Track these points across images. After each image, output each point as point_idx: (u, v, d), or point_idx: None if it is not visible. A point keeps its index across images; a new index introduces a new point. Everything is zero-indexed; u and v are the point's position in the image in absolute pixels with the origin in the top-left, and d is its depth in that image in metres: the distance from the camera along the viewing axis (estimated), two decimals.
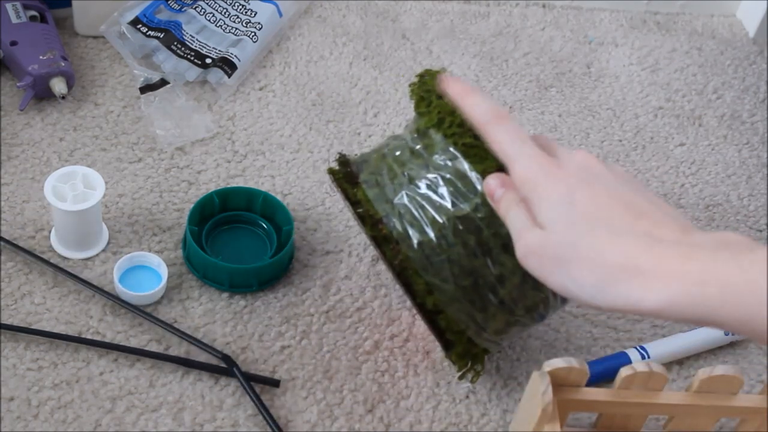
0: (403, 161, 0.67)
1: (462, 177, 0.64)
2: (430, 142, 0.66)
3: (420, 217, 0.65)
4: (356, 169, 0.70)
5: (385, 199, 0.67)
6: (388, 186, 0.67)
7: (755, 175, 0.97)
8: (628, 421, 0.72)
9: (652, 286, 0.50)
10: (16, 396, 0.71)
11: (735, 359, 0.81)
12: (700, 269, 0.50)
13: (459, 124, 0.65)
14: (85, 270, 0.79)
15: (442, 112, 0.66)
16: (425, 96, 0.67)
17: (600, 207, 0.55)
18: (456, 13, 1.09)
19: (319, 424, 0.72)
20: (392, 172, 0.67)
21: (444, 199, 0.65)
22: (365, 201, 0.67)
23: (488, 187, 0.61)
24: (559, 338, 0.80)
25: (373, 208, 0.67)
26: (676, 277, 0.50)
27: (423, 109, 0.67)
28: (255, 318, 0.78)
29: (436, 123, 0.66)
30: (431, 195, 0.65)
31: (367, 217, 0.67)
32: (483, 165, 0.63)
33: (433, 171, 0.65)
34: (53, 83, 0.89)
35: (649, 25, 1.12)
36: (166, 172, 0.87)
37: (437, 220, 0.65)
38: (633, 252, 0.52)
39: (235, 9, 1.00)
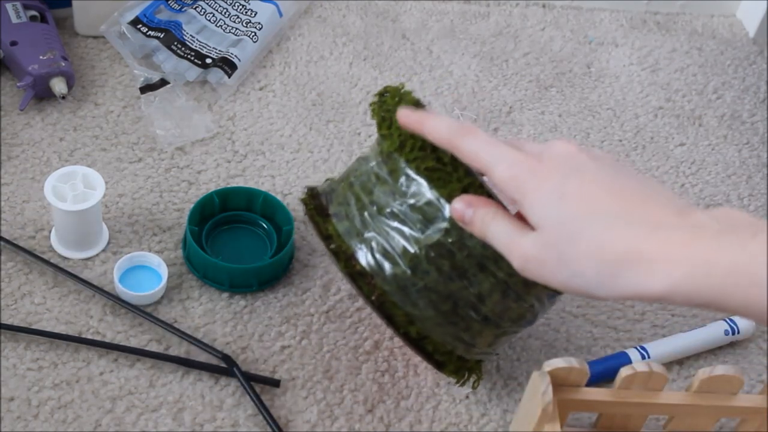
0: (370, 189, 0.66)
1: (428, 203, 0.63)
2: (394, 167, 0.65)
3: (391, 250, 0.64)
4: (326, 201, 0.68)
5: (356, 232, 0.65)
6: (357, 218, 0.66)
7: (755, 175, 0.97)
8: (628, 421, 0.72)
9: (656, 271, 0.50)
10: (16, 396, 0.71)
11: (735, 359, 0.81)
12: (705, 253, 0.49)
13: (420, 147, 0.63)
14: (85, 270, 0.79)
15: (403, 134, 0.64)
16: (386, 116, 0.65)
17: (592, 197, 0.54)
18: (456, 13, 1.09)
19: (319, 424, 0.72)
20: (360, 202, 0.66)
21: (413, 228, 0.64)
22: (336, 236, 0.66)
23: (456, 212, 0.60)
24: (559, 338, 0.80)
25: (345, 243, 0.66)
26: (681, 262, 0.49)
27: (385, 131, 0.65)
28: (255, 318, 0.78)
29: (397, 147, 0.64)
30: (400, 225, 0.64)
31: (340, 253, 0.66)
32: (447, 189, 0.62)
33: (399, 198, 0.64)
34: (53, 83, 0.89)
35: (649, 25, 1.12)
36: (166, 172, 0.87)
37: (408, 251, 0.64)
38: (633, 240, 0.51)
39: (235, 9, 1.00)
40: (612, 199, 0.54)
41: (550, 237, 0.54)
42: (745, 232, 0.49)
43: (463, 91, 1.00)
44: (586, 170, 0.55)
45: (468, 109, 0.98)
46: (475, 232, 0.59)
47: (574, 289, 0.54)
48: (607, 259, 0.52)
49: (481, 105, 0.99)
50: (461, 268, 0.64)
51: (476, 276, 0.64)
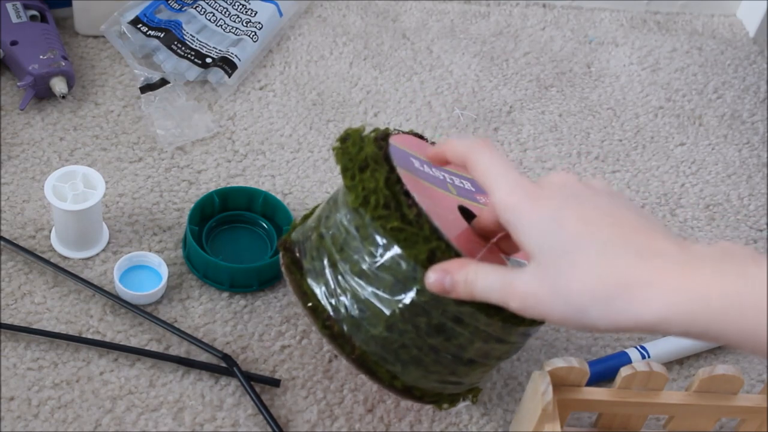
0: (340, 245, 0.64)
1: (398, 263, 0.61)
2: (361, 223, 0.62)
3: (366, 311, 0.63)
4: (300, 252, 0.67)
5: (330, 293, 0.64)
6: (330, 278, 0.64)
7: (755, 175, 0.97)
8: (628, 421, 0.72)
9: (651, 298, 0.49)
10: (16, 396, 0.71)
11: (735, 359, 0.81)
12: (703, 281, 0.48)
13: (385, 204, 0.61)
14: (86, 270, 0.79)
15: (366, 189, 0.61)
16: (349, 167, 0.63)
17: (588, 225, 0.53)
18: (456, 13, 1.09)
19: (320, 423, 0.72)
20: (332, 259, 0.64)
21: (385, 290, 0.62)
22: (312, 295, 0.65)
23: (434, 286, 0.58)
24: (559, 338, 0.80)
25: (320, 304, 0.64)
26: (678, 290, 0.49)
27: (348, 183, 0.62)
28: (255, 318, 0.78)
29: (362, 202, 0.62)
30: (372, 288, 0.62)
31: (317, 313, 0.64)
32: (414, 250, 0.60)
33: (368, 258, 0.62)
34: (53, 83, 0.89)
35: (649, 24, 1.12)
36: (167, 172, 0.87)
37: (383, 312, 0.62)
38: (629, 267, 0.50)
39: (236, 9, 1.00)
40: (609, 227, 0.53)
41: (544, 264, 0.53)
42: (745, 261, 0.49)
43: (463, 91, 1.00)
44: (584, 198, 0.55)
45: (468, 109, 0.98)
46: (458, 296, 0.58)
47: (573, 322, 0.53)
48: (602, 287, 0.51)
49: (481, 105, 0.99)
50: (438, 325, 0.62)
51: (454, 329, 0.62)
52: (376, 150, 0.62)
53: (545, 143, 0.96)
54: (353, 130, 0.64)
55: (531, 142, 0.96)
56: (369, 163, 0.62)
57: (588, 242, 0.52)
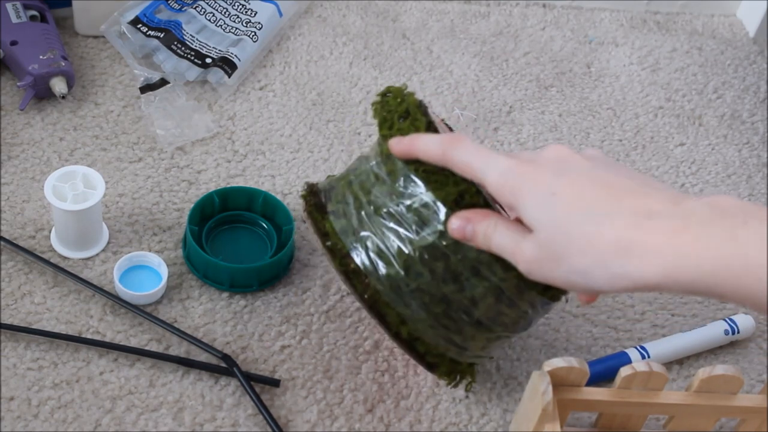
0: (368, 189, 0.66)
1: (425, 205, 0.63)
2: (393, 168, 0.65)
3: (386, 250, 0.64)
4: (324, 198, 0.69)
5: (352, 231, 0.66)
6: (354, 217, 0.66)
7: (755, 175, 0.97)
8: (628, 421, 0.72)
9: (648, 260, 0.51)
10: (16, 396, 0.71)
11: (735, 359, 0.81)
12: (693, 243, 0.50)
13: None
14: (85, 270, 0.79)
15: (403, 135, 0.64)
16: (387, 117, 0.66)
17: (582, 193, 0.54)
18: (456, 13, 1.09)
19: (319, 423, 0.72)
20: (358, 201, 0.66)
21: (409, 229, 0.64)
22: (333, 233, 0.66)
23: (455, 231, 0.60)
24: (559, 338, 0.80)
25: (340, 242, 0.66)
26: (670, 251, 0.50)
27: (385, 132, 0.66)
28: (255, 318, 0.78)
29: None
30: (396, 226, 0.64)
31: (335, 251, 0.66)
32: (444, 191, 0.62)
33: (397, 199, 0.64)
34: (53, 83, 0.89)
35: (649, 24, 1.12)
36: (166, 172, 0.87)
37: (403, 252, 0.64)
38: (623, 230, 0.52)
39: (236, 9, 1.00)
40: (602, 193, 0.54)
41: (545, 237, 0.55)
42: (736, 219, 0.49)
43: (463, 91, 1.00)
44: (578, 168, 0.56)
45: (468, 109, 0.98)
46: (478, 246, 0.60)
47: (576, 285, 0.55)
48: (599, 252, 0.52)
49: (481, 105, 0.99)
50: (455, 271, 0.64)
51: (469, 280, 0.64)
52: (418, 102, 0.65)
53: (545, 143, 0.96)
54: (395, 87, 0.67)
55: (531, 142, 0.96)
56: (410, 112, 0.65)
57: (583, 213, 0.53)
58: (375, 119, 0.67)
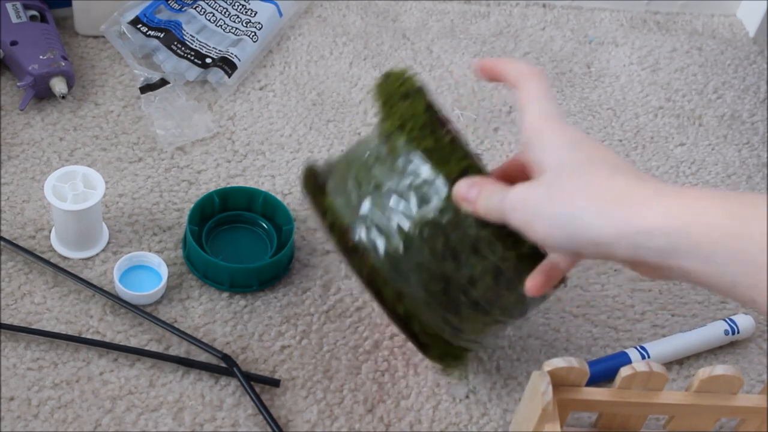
0: (369, 167, 0.66)
1: (426, 182, 0.63)
2: (393, 146, 0.65)
3: (386, 226, 0.64)
4: (324, 177, 0.69)
5: (351, 208, 0.66)
6: (353, 194, 0.66)
7: (755, 175, 0.97)
8: (628, 421, 0.72)
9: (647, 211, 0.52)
10: (16, 396, 0.71)
11: (735, 359, 0.81)
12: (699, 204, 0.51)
13: (420, 127, 0.64)
14: (85, 270, 0.79)
15: (404, 116, 0.65)
16: (387, 99, 0.66)
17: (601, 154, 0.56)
18: (456, 13, 1.09)
19: (319, 423, 0.72)
20: (358, 179, 0.66)
21: (409, 205, 0.64)
22: (332, 211, 0.66)
23: (460, 194, 0.61)
24: (559, 338, 0.80)
25: (339, 218, 0.66)
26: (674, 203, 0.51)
27: (386, 112, 0.66)
28: (255, 318, 0.78)
29: (398, 126, 0.65)
30: (396, 203, 0.64)
31: (334, 228, 0.66)
32: (446, 168, 0.63)
33: (397, 177, 0.64)
34: (53, 83, 0.89)
35: (649, 24, 1.12)
36: (167, 172, 0.87)
37: (402, 228, 0.64)
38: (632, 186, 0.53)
39: (236, 9, 1.00)
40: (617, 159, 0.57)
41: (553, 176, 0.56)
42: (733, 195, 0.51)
43: (463, 91, 1.00)
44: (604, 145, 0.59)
45: (468, 109, 0.98)
46: (479, 212, 0.60)
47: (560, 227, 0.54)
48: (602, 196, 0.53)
49: (481, 105, 0.99)
50: (454, 249, 0.64)
51: (469, 258, 0.64)
52: (418, 84, 0.66)
53: None
54: (395, 70, 0.68)
55: None
56: (410, 94, 0.65)
57: (599, 164, 0.55)
58: (376, 101, 0.67)
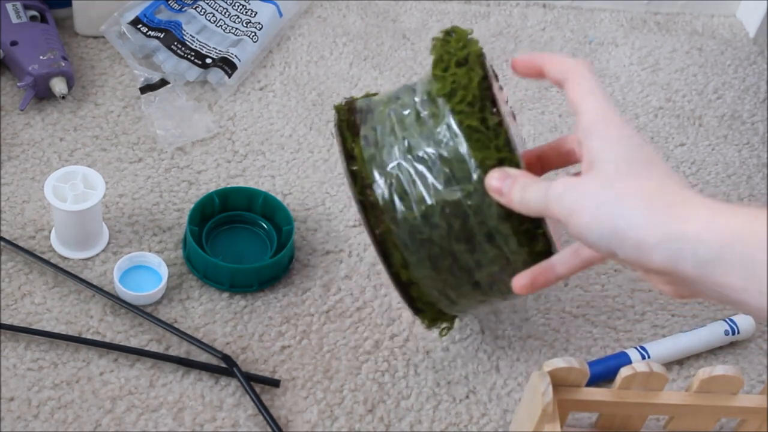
0: (406, 125, 0.65)
1: (460, 160, 0.62)
2: (436, 112, 0.63)
3: (409, 192, 0.64)
4: (360, 119, 0.67)
5: (380, 163, 0.65)
6: (385, 149, 0.65)
7: (755, 175, 0.97)
8: (628, 421, 0.72)
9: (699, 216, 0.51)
10: (16, 396, 0.71)
11: (735, 359, 0.81)
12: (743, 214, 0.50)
13: (470, 102, 0.62)
14: (85, 270, 0.79)
15: (457, 82, 0.63)
16: (445, 58, 0.64)
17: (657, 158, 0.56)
18: (456, 13, 1.09)
19: (320, 424, 0.72)
20: (393, 134, 0.65)
21: (437, 179, 0.63)
22: (360, 160, 0.65)
23: (492, 185, 0.61)
24: (559, 338, 0.80)
25: (365, 170, 0.65)
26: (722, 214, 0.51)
27: (439, 73, 0.64)
28: (255, 318, 0.78)
29: (447, 93, 0.63)
30: (425, 172, 0.63)
31: (358, 178, 0.65)
32: (483, 153, 0.61)
33: (433, 146, 0.63)
34: (53, 83, 0.89)
35: (649, 25, 1.12)
36: (167, 172, 0.87)
37: (426, 200, 0.63)
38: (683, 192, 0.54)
39: (236, 9, 1.00)
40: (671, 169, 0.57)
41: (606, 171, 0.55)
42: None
43: None
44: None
45: None
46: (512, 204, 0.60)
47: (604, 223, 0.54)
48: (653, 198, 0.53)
49: None
50: (470, 233, 0.63)
51: (482, 244, 0.64)
52: (480, 51, 0.64)
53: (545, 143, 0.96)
54: (460, 28, 0.66)
55: (531, 142, 0.96)
56: (469, 61, 0.63)
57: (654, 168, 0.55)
58: (431, 55, 0.65)
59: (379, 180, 0.65)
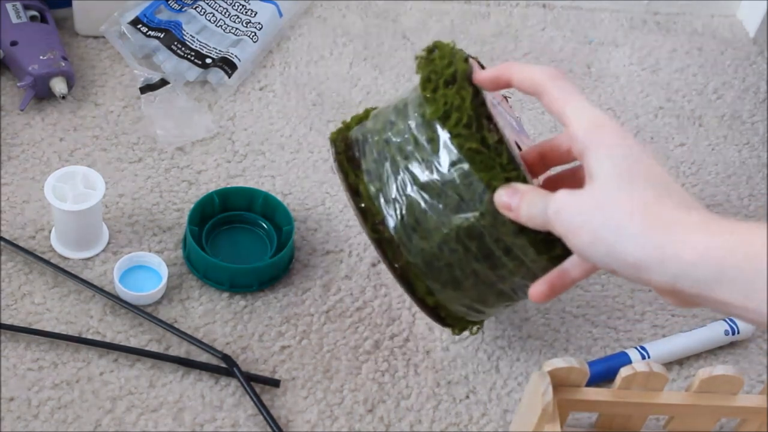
0: (407, 154, 0.63)
1: (466, 184, 0.61)
2: (434, 136, 0.62)
3: (421, 222, 0.64)
4: (358, 152, 0.66)
5: (387, 197, 0.64)
6: (390, 183, 0.64)
7: (755, 175, 0.97)
8: (628, 421, 0.72)
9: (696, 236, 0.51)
10: (16, 396, 0.71)
11: (735, 359, 0.81)
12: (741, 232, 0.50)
13: (466, 123, 0.60)
14: (85, 270, 0.79)
15: (449, 104, 0.61)
16: (432, 78, 0.62)
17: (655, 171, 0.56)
18: (456, 13, 1.09)
19: (320, 424, 0.72)
20: (395, 164, 0.64)
21: (447, 206, 0.62)
22: (366, 197, 0.65)
23: (501, 202, 0.60)
24: (559, 338, 0.80)
25: (374, 207, 0.64)
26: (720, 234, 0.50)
27: (429, 94, 0.62)
28: (255, 318, 0.78)
29: (441, 116, 0.61)
30: (433, 200, 0.63)
31: (368, 215, 0.65)
32: (489, 174, 0.60)
33: (437, 172, 0.62)
34: (53, 83, 0.89)
35: (649, 25, 1.12)
36: (167, 172, 0.87)
37: (440, 230, 0.63)
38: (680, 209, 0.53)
39: (236, 9, 1.00)
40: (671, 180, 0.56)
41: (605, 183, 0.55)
42: None
43: None
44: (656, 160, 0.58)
45: None
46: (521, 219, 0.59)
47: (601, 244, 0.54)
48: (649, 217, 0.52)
49: None
50: (488, 251, 0.63)
51: (501, 259, 0.64)
52: (467, 68, 0.62)
53: None
54: (443, 44, 0.64)
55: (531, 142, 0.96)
56: (457, 79, 0.61)
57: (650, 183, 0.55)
58: (417, 74, 0.64)
59: (389, 216, 0.64)
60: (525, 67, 0.61)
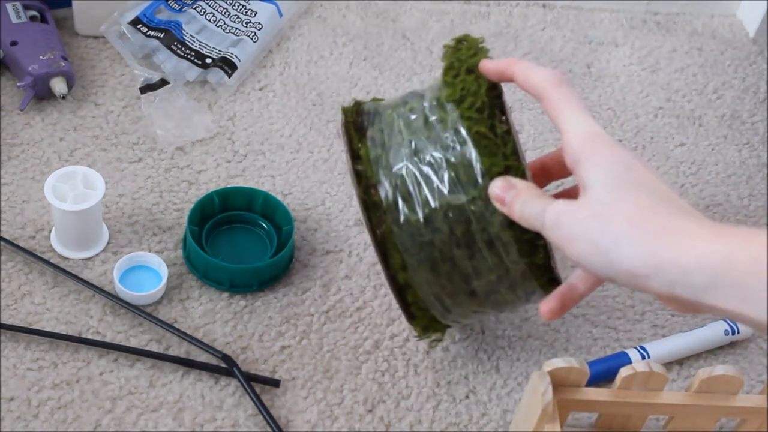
0: (414, 129, 0.65)
1: (466, 165, 0.62)
2: (445, 117, 0.64)
3: (413, 194, 0.64)
4: (367, 121, 0.67)
5: (386, 164, 0.65)
6: (392, 150, 0.65)
7: (755, 175, 0.97)
8: (628, 421, 0.72)
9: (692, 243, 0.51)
10: (16, 396, 0.71)
11: (735, 359, 0.81)
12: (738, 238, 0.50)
13: (479, 108, 0.63)
14: (85, 270, 0.79)
15: (466, 89, 0.64)
16: (455, 65, 0.65)
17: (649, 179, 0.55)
18: (456, 13, 1.09)
19: (319, 424, 0.72)
20: (400, 136, 0.65)
21: (442, 182, 0.63)
22: (365, 160, 0.66)
23: (495, 193, 0.61)
24: (559, 338, 0.80)
25: (371, 170, 0.65)
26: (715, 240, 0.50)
27: (449, 79, 0.65)
28: (255, 318, 0.78)
29: (457, 99, 0.64)
30: (431, 175, 0.64)
31: (362, 177, 0.66)
32: (491, 159, 0.62)
33: (440, 150, 0.63)
34: (53, 83, 0.89)
35: (649, 25, 1.12)
36: (166, 172, 0.87)
37: (429, 203, 0.64)
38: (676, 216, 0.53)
39: (236, 9, 1.00)
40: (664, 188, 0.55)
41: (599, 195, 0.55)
42: None
43: None
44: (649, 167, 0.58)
45: None
46: (513, 215, 0.60)
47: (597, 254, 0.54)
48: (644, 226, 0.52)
49: None
50: (471, 238, 0.63)
51: (482, 251, 0.64)
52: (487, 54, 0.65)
53: (545, 143, 0.96)
54: (472, 37, 0.67)
55: (531, 142, 0.96)
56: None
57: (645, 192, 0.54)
58: (442, 61, 0.66)
59: (384, 181, 0.65)
60: (529, 67, 0.62)
